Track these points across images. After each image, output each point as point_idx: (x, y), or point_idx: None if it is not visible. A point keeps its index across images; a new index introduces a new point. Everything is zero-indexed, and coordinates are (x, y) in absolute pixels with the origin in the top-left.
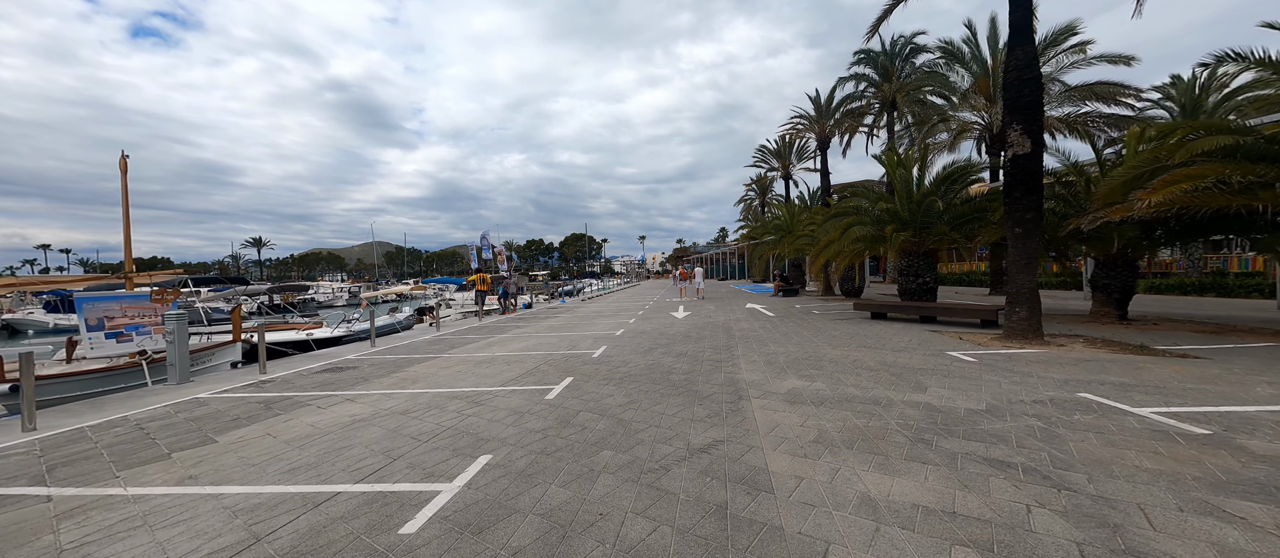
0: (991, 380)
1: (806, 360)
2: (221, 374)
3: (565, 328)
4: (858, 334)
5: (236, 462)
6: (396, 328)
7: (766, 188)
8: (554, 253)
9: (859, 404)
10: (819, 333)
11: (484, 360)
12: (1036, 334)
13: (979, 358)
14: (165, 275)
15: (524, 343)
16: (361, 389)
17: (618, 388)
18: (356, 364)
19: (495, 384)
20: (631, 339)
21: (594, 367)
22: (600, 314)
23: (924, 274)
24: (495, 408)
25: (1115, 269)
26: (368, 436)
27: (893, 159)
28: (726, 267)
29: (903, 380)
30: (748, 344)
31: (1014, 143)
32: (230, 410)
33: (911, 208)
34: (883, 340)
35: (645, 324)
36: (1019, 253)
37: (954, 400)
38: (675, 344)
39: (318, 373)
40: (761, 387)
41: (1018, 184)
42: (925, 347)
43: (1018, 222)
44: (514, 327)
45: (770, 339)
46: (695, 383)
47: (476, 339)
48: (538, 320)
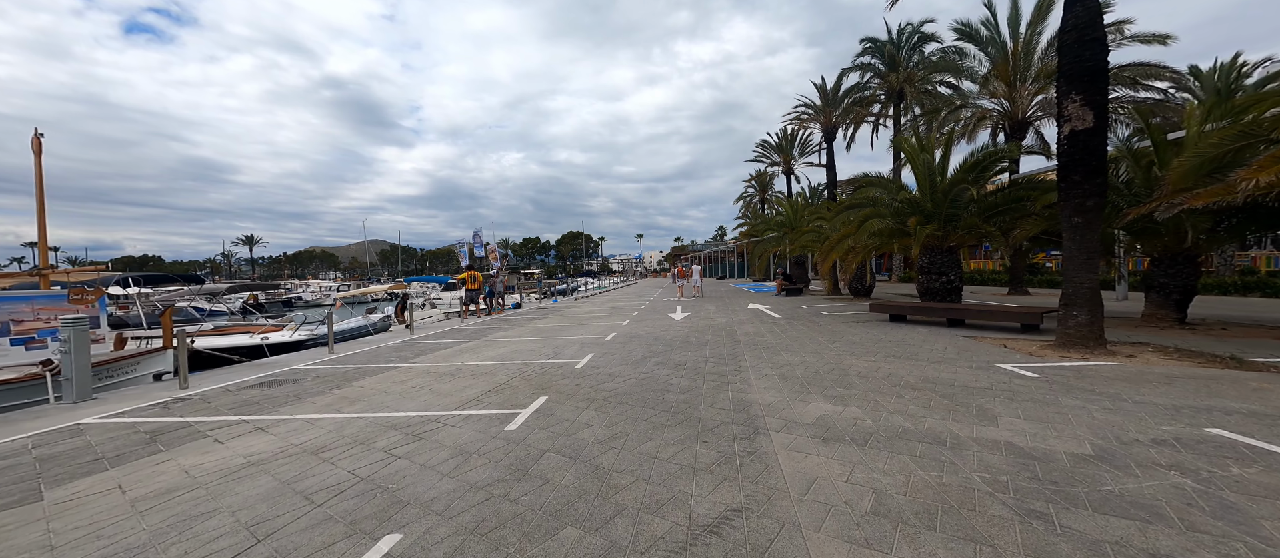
0: (1075, 406)
1: (830, 375)
2: (139, 388)
3: (552, 331)
4: (881, 340)
5: (36, 541)
6: (367, 331)
7: (767, 184)
8: (551, 251)
9: (917, 443)
10: (835, 338)
11: (448, 373)
12: (1098, 343)
13: (1041, 373)
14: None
15: (502, 349)
16: (286, 412)
17: (599, 414)
18: (299, 377)
19: (450, 406)
20: (623, 345)
21: (575, 382)
22: (593, 315)
23: (948, 272)
24: (437, 445)
25: (1175, 267)
26: (247, 492)
27: (913, 144)
28: (725, 265)
29: (960, 405)
30: (756, 352)
31: (1072, 116)
32: (102, 445)
33: (936, 198)
34: (914, 349)
35: (640, 327)
36: (1077, 247)
37: (1043, 438)
38: (672, 351)
39: (249, 387)
40: (781, 413)
41: (1077, 165)
42: (968, 357)
43: (1077, 210)
44: (496, 329)
45: (781, 346)
46: (697, 406)
47: (450, 344)
48: (524, 322)
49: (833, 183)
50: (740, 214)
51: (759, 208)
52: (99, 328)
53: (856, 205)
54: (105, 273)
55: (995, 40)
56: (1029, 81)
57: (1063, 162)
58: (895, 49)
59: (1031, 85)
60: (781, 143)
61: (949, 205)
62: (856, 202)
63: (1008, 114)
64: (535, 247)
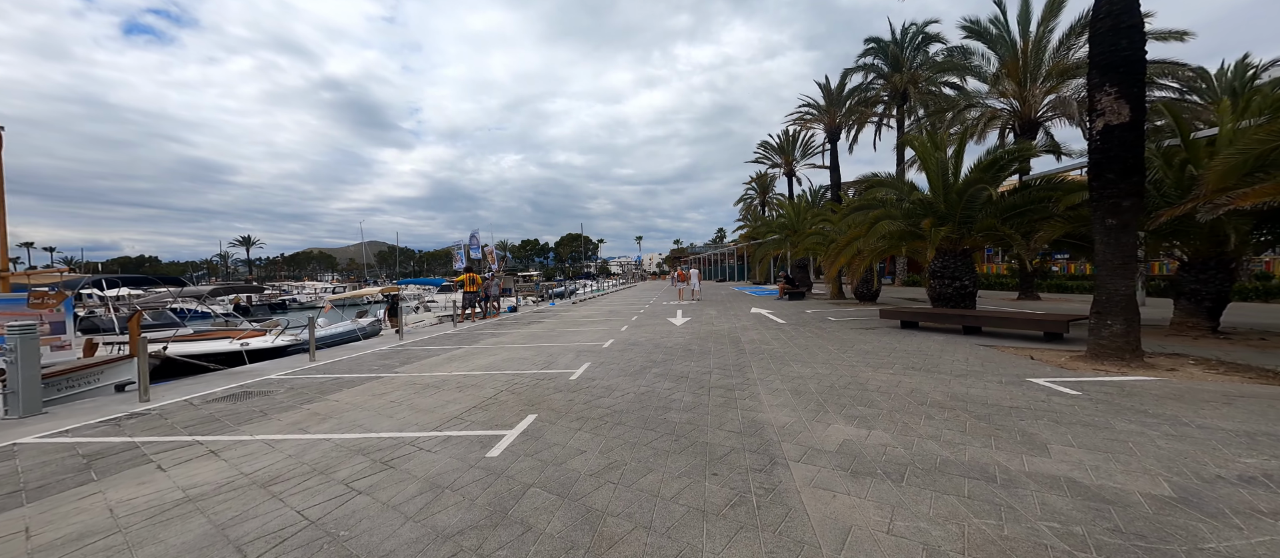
0: (1132, 432)
1: (847, 390)
2: (97, 401)
3: (547, 336)
4: (896, 350)
5: None
6: (355, 336)
7: (767, 186)
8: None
9: (962, 479)
10: (847, 347)
11: (433, 384)
12: (1135, 354)
13: (1081, 389)
14: (51, 275)
15: (493, 357)
16: (247, 431)
17: (594, 437)
18: (271, 388)
19: (428, 425)
20: (621, 353)
21: (568, 397)
22: (590, 319)
23: (962, 277)
24: (406, 477)
25: (1207, 272)
26: (172, 540)
27: (924, 143)
28: (724, 268)
29: (999, 428)
30: (763, 362)
31: (1106, 110)
32: (30, 472)
33: (950, 199)
34: (933, 359)
35: (639, 332)
36: (1112, 251)
37: (1108, 474)
38: (674, 361)
39: (215, 400)
40: (799, 438)
41: (1111, 163)
42: (994, 369)
43: (1111, 211)
44: (489, 334)
45: (790, 356)
46: (702, 428)
47: (439, 351)
48: (519, 326)
49: (836, 185)
50: (740, 216)
51: (759, 210)
52: (65, 333)
53: (865, 207)
54: (74, 274)
55: (1005, 39)
56: (1040, 81)
57: (1095, 159)
58: (898, 49)
59: (1043, 84)
60: (783, 144)
61: (964, 207)
62: (865, 203)
63: (1018, 114)
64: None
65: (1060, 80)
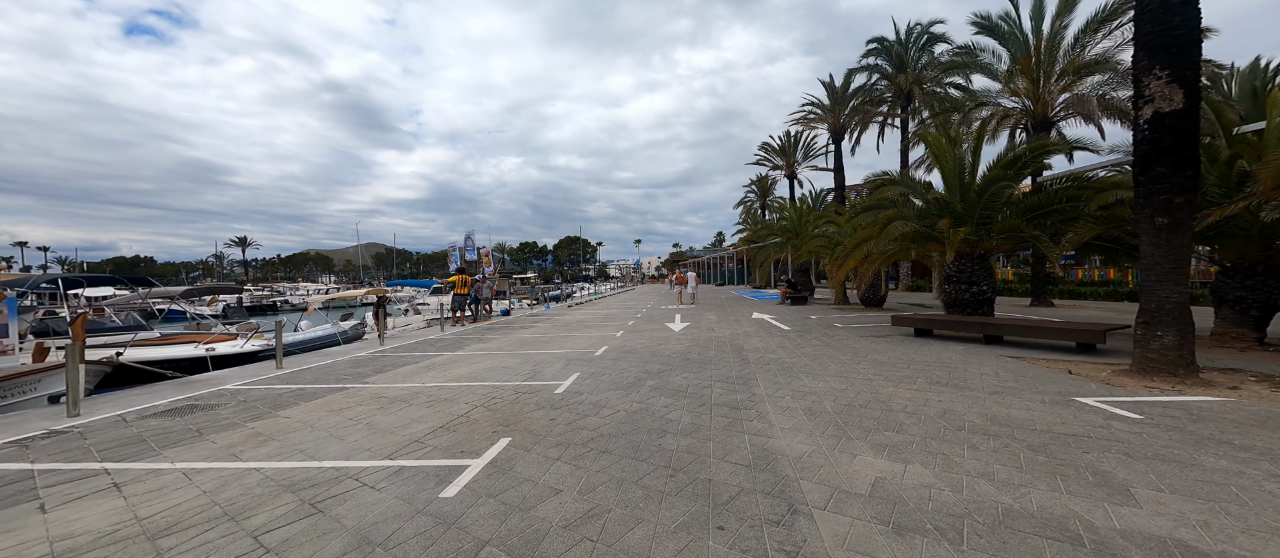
0: (1226, 471)
1: (870, 410)
2: (25, 414)
3: (537, 342)
4: (914, 360)
5: None
6: (335, 341)
7: (768, 189)
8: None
9: (1037, 538)
10: (860, 357)
11: (402, 397)
12: (1189, 370)
13: (1141, 411)
14: None
15: (474, 365)
16: (171, 456)
17: (574, 470)
18: (221, 401)
19: (381, 452)
20: (614, 362)
21: (550, 416)
22: (585, 324)
23: (979, 281)
24: (334, 525)
25: (1253, 278)
26: None
27: (939, 139)
28: (724, 272)
29: (1063, 463)
30: (770, 374)
31: (1156, 95)
32: None
33: (968, 198)
34: (958, 373)
35: (634, 339)
36: (1162, 254)
37: (1227, 533)
38: (671, 372)
39: (153, 415)
40: (821, 474)
41: (1162, 155)
42: (1032, 386)
43: (1161, 209)
44: (477, 340)
45: (799, 367)
46: (704, 459)
47: (419, 358)
48: (509, 331)
49: (841, 186)
50: (740, 219)
51: (760, 213)
52: (6, 338)
53: (875, 207)
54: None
55: (1016, 36)
56: (1054, 78)
57: (1143, 151)
58: (903, 49)
59: (1057, 82)
60: (784, 146)
61: (982, 207)
62: (875, 203)
63: (1030, 113)
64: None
65: (1076, 78)
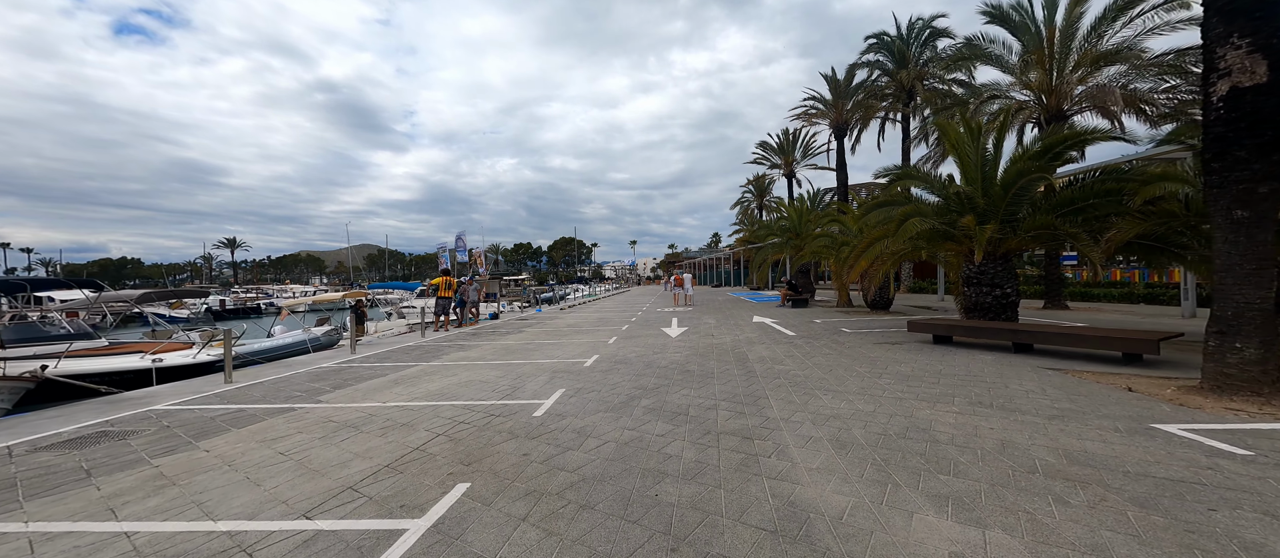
0: None
1: (909, 441)
2: None
3: (523, 350)
4: (943, 373)
5: None
6: (304, 348)
7: (765, 189)
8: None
9: None
10: (880, 368)
11: (353, 422)
12: (1276, 388)
13: (1249, 445)
14: None
15: (448, 379)
16: (25, 512)
17: (545, 536)
18: (140, 427)
19: (299, 506)
20: (605, 375)
21: (524, 448)
22: (576, 328)
23: (1003, 284)
24: None
25: None
26: None
27: (956, 129)
28: (720, 273)
29: (1193, 530)
30: (782, 389)
31: (1233, 67)
32: None
33: (991, 193)
34: (998, 389)
35: (628, 346)
36: (1240, 252)
37: None
38: (669, 387)
39: (48, 447)
40: (875, 546)
41: (1244, 137)
42: (1096, 408)
43: (1241, 200)
44: (457, 347)
45: (814, 381)
46: (715, 519)
47: (388, 370)
48: (495, 337)
49: (843, 184)
50: (737, 220)
51: (757, 214)
52: None
53: (888, 203)
54: None
55: (1028, 25)
56: (1069, 69)
57: (1216, 134)
58: (904, 45)
59: (1074, 73)
60: (783, 144)
61: (1008, 202)
62: (887, 199)
63: (1044, 106)
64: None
65: (1093, 69)
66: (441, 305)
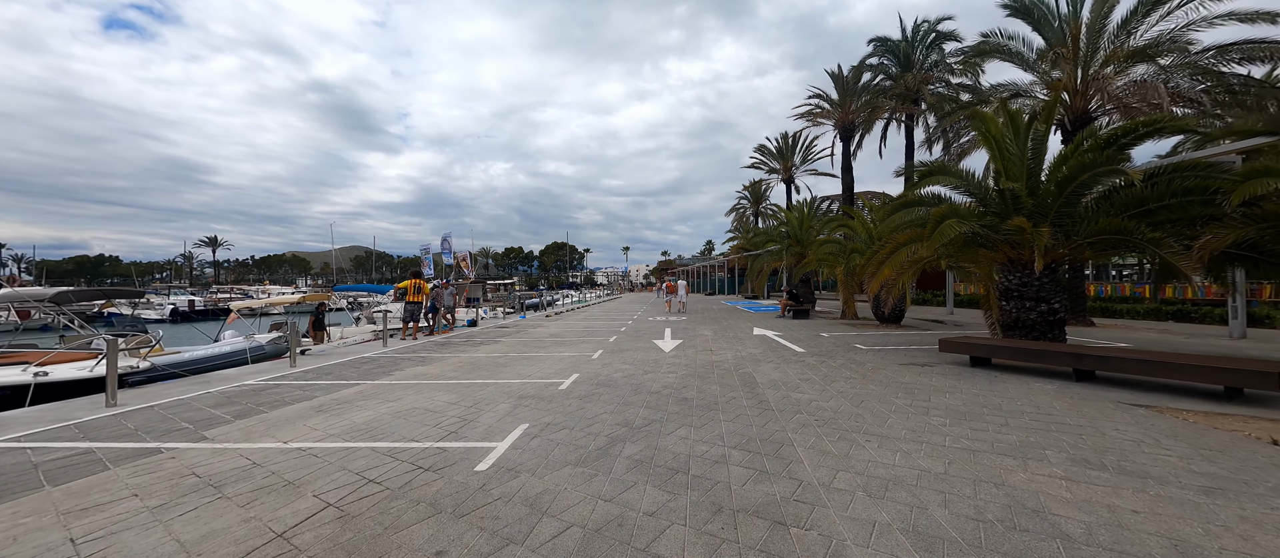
0: None
1: (1030, 539)
2: None
3: (490, 367)
4: (1012, 412)
5: None
6: (243, 358)
7: (762, 195)
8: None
9: None
10: (920, 400)
11: (222, 478)
12: None
13: None
14: None
15: (384, 407)
16: None
17: None
18: None
19: None
20: (583, 404)
21: (446, 533)
22: (559, 339)
23: (1050, 298)
24: None
25: None
26: None
27: (993, 119)
28: (713, 281)
29: None
30: (809, 433)
31: None
32: None
33: (1041, 191)
34: (1098, 440)
35: (615, 362)
36: None
37: None
38: (662, 425)
39: None
40: None
41: None
42: (1258, 475)
43: None
44: (417, 360)
45: (845, 418)
46: None
47: (320, 391)
48: (465, 348)
49: (849, 188)
50: (732, 226)
51: (752, 220)
52: None
53: (913, 205)
54: None
55: (1051, 21)
56: (1098, 66)
57: None
58: (909, 48)
59: (1107, 68)
60: (782, 149)
61: (1063, 202)
62: (914, 200)
63: (1068, 107)
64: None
65: (1126, 65)
66: (410, 311)
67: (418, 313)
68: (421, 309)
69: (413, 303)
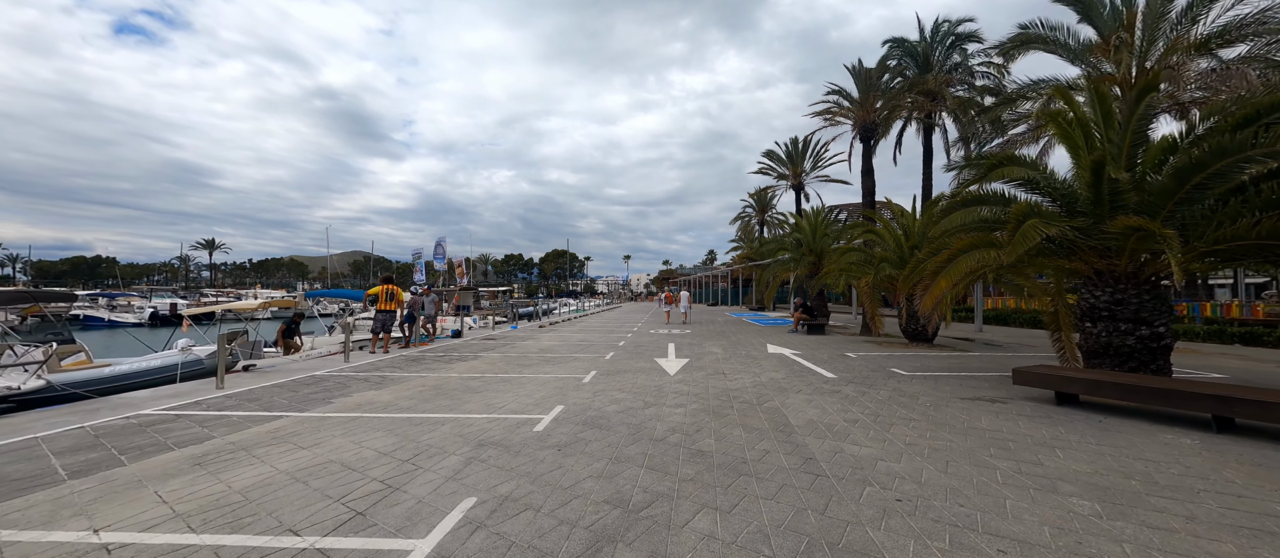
0: None
1: None
2: None
3: (457, 393)
4: (1181, 488)
5: None
6: (172, 374)
7: (767, 204)
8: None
9: None
10: (1034, 467)
11: None
12: None
13: None
14: None
15: (281, 463)
16: None
17: None
18: None
19: None
20: (561, 458)
21: None
22: (548, 355)
23: (1153, 319)
24: None
25: None
26: None
27: (1077, 105)
28: (715, 291)
29: None
30: (895, 524)
31: None
32: None
33: (1151, 183)
34: None
35: (609, 388)
36: None
37: None
38: (672, 500)
39: None
40: None
41: None
42: None
43: None
44: (374, 382)
45: (938, 499)
46: None
47: (222, 429)
48: (437, 366)
49: (870, 192)
50: (737, 236)
51: (757, 229)
52: None
53: (972, 203)
54: None
55: (1101, 7)
56: (1156, 56)
57: None
58: (928, 47)
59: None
60: (791, 153)
61: (1182, 197)
62: (975, 198)
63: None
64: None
65: (1193, 56)
66: (381, 321)
67: (391, 322)
68: (395, 318)
69: (385, 311)
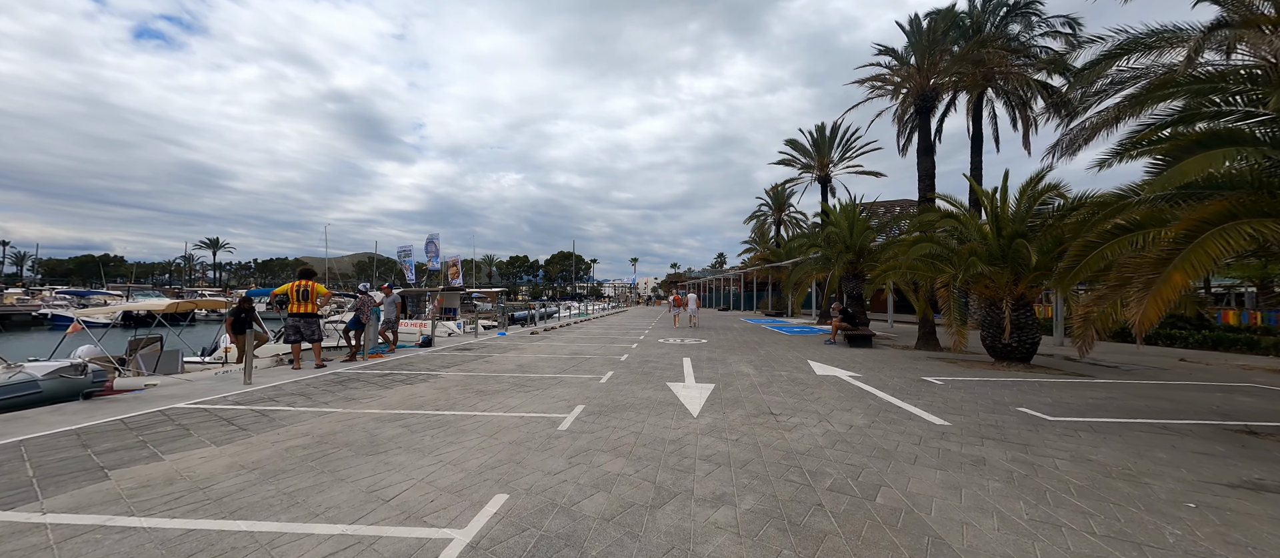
0: None
1: None
2: None
3: (365, 449)
4: None
5: None
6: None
7: (784, 202)
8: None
9: None
10: None
11: None
12: None
13: None
14: None
15: None
16: None
17: None
18: None
19: None
20: None
21: None
22: (525, 377)
23: None
24: None
25: None
26: None
27: None
28: (725, 295)
29: None
30: None
31: None
32: None
33: None
34: None
35: (596, 444)
36: None
37: None
38: None
39: None
40: None
41: None
42: None
43: None
44: (286, 414)
45: None
46: None
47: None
48: (357, 396)
49: (928, 177)
50: (751, 236)
51: (774, 229)
52: None
53: (1226, 141)
54: None
55: None
56: None
57: None
58: (981, 17)
59: None
60: (817, 142)
61: None
62: (1233, 135)
63: None
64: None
65: None
66: (293, 327)
67: (309, 330)
68: (313, 324)
69: (299, 316)
